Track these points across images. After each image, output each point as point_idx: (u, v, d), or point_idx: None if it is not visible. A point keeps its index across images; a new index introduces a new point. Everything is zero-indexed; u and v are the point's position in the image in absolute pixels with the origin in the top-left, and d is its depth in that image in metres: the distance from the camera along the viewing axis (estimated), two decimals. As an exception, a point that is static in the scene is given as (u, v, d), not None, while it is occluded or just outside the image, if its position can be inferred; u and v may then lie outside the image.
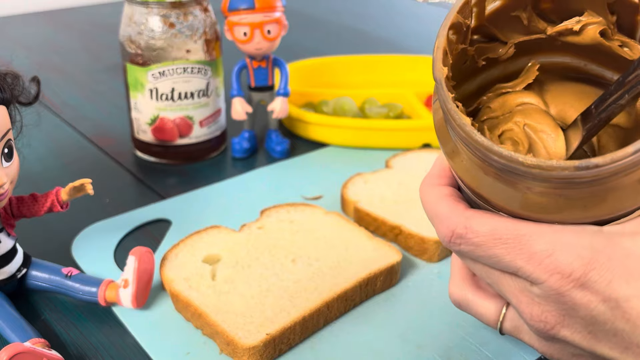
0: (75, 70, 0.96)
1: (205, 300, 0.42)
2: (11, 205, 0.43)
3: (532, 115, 0.33)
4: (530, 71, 0.34)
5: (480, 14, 0.32)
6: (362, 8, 1.44)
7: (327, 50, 1.07)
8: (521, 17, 0.32)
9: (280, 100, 0.65)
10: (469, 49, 0.33)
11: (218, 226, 0.50)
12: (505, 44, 0.34)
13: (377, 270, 0.45)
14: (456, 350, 0.41)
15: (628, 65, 0.29)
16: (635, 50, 0.30)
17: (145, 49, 0.60)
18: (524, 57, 0.34)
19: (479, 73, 0.35)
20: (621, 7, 0.30)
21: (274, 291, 0.43)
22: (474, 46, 0.33)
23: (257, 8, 0.60)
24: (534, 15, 0.32)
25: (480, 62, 0.34)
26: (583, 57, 0.33)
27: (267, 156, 0.68)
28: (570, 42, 0.32)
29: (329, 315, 0.43)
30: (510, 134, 0.33)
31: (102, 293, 0.43)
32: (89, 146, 0.70)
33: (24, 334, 0.40)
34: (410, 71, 0.87)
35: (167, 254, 0.47)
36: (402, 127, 0.69)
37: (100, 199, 0.58)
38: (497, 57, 0.34)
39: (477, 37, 0.34)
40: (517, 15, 0.32)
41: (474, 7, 0.32)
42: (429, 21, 1.34)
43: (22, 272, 0.44)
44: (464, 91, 0.35)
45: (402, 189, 0.56)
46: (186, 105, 0.63)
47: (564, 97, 0.34)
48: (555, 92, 0.34)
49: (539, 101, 0.34)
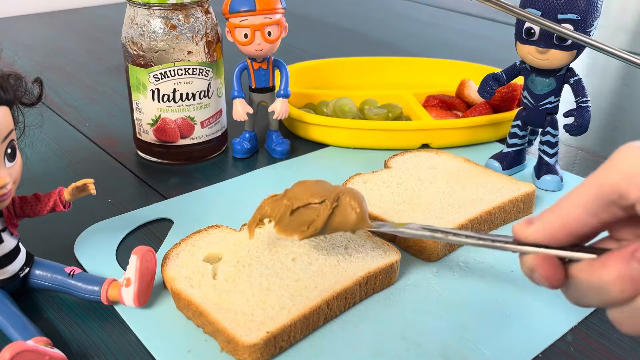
0: (78, 71, 0.96)
1: (206, 298, 0.43)
2: (14, 205, 0.43)
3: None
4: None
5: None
6: (362, 10, 1.45)
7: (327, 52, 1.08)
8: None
9: (280, 102, 0.65)
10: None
11: (219, 225, 0.51)
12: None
13: (377, 269, 0.46)
14: (455, 349, 0.41)
15: None
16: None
17: (147, 50, 0.61)
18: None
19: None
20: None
21: (275, 290, 0.43)
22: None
23: (257, 10, 0.60)
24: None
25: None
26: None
27: (268, 156, 0.68)
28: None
29: (329, 313, 0.43)
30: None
31: (105, 292, 0.44)
32: (91, 146, 0.71)
33: (26, 332, 0.40)
34: (409, 73, 0.88)
35: (168, 253, 0.47)
36: (401, 127, 0.69)
37: (103, 199, 0.59)
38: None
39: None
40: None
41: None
42: (427, 23, 1.34)
43: (24, 271, 0.44)
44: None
45: (401, 189, 0.57)
46: (188, 106, 0.63)
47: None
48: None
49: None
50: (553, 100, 0.60)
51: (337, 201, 0.43)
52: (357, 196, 0.44)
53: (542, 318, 0.44)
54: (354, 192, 0.44)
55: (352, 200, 0.43)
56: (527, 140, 0.64)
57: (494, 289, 0.47)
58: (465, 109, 0.75)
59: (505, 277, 0.48)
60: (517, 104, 0.73)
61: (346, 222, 0.43)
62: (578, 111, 0.58)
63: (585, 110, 0.58)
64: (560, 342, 0.42)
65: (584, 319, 0.44)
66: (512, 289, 0.47)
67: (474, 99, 0.75)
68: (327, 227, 0.43)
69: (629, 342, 0.43)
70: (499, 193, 0.56)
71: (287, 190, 0.46)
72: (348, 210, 0.43)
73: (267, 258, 0.47)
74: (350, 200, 0.43)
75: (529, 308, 0.45)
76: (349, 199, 0.43)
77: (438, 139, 0.69)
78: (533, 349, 0.41)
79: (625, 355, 0.42)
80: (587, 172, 0.67)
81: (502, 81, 0.62)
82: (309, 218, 0.43)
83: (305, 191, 0.44)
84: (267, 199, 0.46)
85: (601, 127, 0.81)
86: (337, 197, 0.43)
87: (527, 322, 0.44)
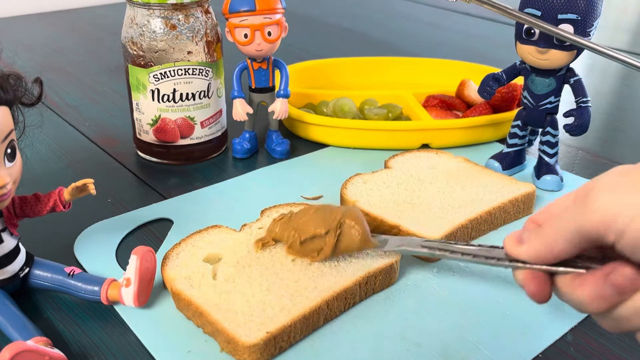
0: (78, 71, 0.96)
1: (206, 299, 0.43)
2: (14, 205, 0.43)
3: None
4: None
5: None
6: (362, 10, 1.45)
7: (327, 52, 1.08)
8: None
9: (280, 102, 0.65)
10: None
11: (219, 226, 0.51)
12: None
13: (376, 269, 0.46)
14: (455, 349, 0.41)
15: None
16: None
17: (147, 50, 0.61)
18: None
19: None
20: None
21: (274, 290, 0.43)
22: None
23: (257, 10, 0.60)
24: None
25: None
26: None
27: (268, 156, 0.68)
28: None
29: (328, 313, 0.43)
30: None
31: (105, 292, 0.44)
32: (91, 147, 0.71)
33: (26, 332, 0.40)
34: (409, 73, 0.88)
35: (168, 253, 0.47)
36: (401, 127, 0.69)
37: (103, 199, 0.59)
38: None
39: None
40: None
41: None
42: (427, 23, 1.34)
43: (24, 271, 0.44)
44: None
45: (401, 189, 0.57)
46: (187, 106, 0.63)
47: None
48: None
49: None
50: (553, 100, 0.60)
51: (339, 228, 0.46)
52: (358, 219, 0.47)
53: (542, 318, 0.44)
54: (354, 214, 0.47)
55: (354, 223, 0.46)
56: (527, 141, 0.64)
57: (494, 290, 0.47)
58: (465, 109, 0.75)
59: (505, 277, 0.48)
60: (517, 104, 0.73)
61: (352, 244, 0.46)
62: (578, 111, 0.58)
63: (585, 110, 0.58)
64: (560, 342, 0.42)
65: (584, 319, 0.44)
66: (512, 289, 0.47)
67: (474, 99, 0.75)
68: (335, 252, 0.46)
69: (629, 342, 0.43)
70: (499, 193, 0.56)
71: (293, 215, 0.48)
72: (352, 232, 0.46)
73: (267, 259, 0.47)
74: (352, 223, 0.46)
75: (529, 308, 0.45)
76: (351, 223, 0.46)
77: (438, 139, 0.69)
78: (533, 349, 0.41)
79: (625, 355, 0.42)
80: (587, 172, 0.67)
81: (502, 81, 0.62)
82: (317, 247, 0.46)
83: (310, 222, 0.47)
84: (277, 220, 0.49)
85: (601, 127, 0.81)
86: (339, 224, 0.46)
87: (527, 322, 0.44)
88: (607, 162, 0.70)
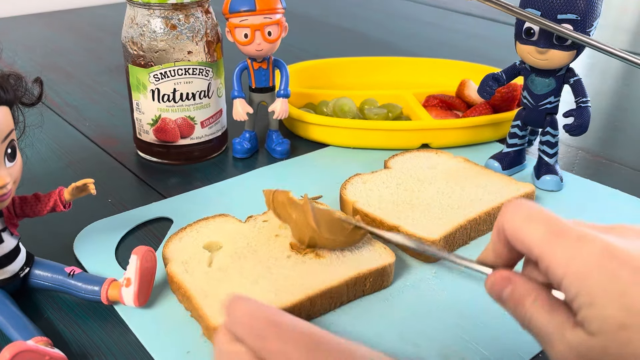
0: (78, 71, 0.96)
1: (196, 284, 0.43)
2: (14, 205, 0.43)
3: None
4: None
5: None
6: (362, 10, 1.45)
7: (327, 52, 1.08)
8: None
9: (280, 101, 0.65)
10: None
11: (226, 215, 0.52)
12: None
13: (367, 271, 0.45)
14: (454, 350, 0.41)
15: None
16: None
17: (147, 50, 0.61)
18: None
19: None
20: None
21: (262, 283, 0.44)
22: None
23: (257, 10, 0.60)
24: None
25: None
26: None
27: (268, 156, 0.68)
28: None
29: (311, 310, 0.43)
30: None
31: (105, 292, 0.44)
32: (91, 146, 0.71)
33: (26, 332, 0.40)
34: (409, 72, 0.88)
35: (172, 236, 0.49)
36: (400, 127, 0.69)
37: (103, 199, 0.59)
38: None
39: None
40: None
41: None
42: (427, 23, 1.34)
43: (25, 271, 0.44)
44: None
45: (400, 189, 0.57)
46: (188, 106, 0.63)
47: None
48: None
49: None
50: (553, 100, 0.60)
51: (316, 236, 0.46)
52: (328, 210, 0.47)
53: (541, 318, 0.44)
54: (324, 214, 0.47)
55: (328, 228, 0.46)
56: (527, 141, 0.64)
57: (494, 289, 0.47)
58: (465, 109, 0.75)
59: (504, 277, 0.48)
60: (517, 104, 0.73)
61: (344, 238, 0.46)
62: (578, 111, 0.58)
63: (585, 111, 0.58)
64: (559, 343, 0.42)
65: (584, 319, 0.44)
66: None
67: (474, 99, 0.75)
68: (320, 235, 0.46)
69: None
70: (498, 193, 0.56)
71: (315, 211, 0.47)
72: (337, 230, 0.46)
73: (264, 252, 0.47)
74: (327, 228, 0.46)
75: (528, 308, 0.45)
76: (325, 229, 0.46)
77: (438, 139, 0.69)
78: (532, 349, 0.42)
79: (624, 356, 0.42)
80: (587, 172, 0.67)
81: (501, 81, 0.62)
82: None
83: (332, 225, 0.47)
84: (288, 201, 0.48)
85: (601, 127, 0.81)
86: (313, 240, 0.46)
87: (526, 323, 0.44)
88: (607, 162, 0.70)
